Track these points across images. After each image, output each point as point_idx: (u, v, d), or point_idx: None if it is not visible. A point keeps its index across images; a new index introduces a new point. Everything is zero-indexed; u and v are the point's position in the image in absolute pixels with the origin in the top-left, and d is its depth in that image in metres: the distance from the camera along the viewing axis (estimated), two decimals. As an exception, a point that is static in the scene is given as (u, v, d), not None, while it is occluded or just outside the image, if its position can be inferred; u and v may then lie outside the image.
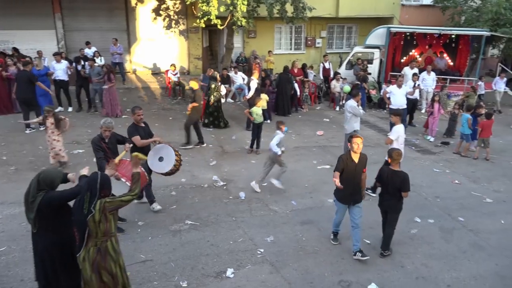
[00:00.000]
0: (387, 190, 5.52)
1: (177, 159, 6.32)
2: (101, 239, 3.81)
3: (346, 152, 5.51)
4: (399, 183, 5.36)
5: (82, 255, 3.82)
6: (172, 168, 6.29)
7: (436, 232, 6.36)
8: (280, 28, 18.81)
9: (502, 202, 7.53)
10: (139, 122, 6.48)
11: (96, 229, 3.75)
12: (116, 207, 3.88)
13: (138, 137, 6.33)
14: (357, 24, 19.85)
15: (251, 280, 5.08)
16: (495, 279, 5.27)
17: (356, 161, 5.36)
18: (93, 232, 3.76)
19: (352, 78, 14.85)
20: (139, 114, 6.46)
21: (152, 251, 5.59)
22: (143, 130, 6.53)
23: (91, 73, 11.98)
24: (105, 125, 5.96)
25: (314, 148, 10.19)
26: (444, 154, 10.13)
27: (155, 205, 6.68)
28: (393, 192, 5.44)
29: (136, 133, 6.37)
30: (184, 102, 14.31)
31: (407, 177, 5.39)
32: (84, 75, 12.08)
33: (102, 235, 3.79)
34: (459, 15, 17.07)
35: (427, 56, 16.33)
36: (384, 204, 5.63)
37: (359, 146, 5.31)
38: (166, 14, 16.03)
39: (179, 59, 17.31)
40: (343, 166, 5.35)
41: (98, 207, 3.72)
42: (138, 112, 6.47)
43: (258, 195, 7.41)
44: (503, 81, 14.48)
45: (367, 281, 5.08)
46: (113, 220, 3.87)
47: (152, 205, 6.68)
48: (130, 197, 3.98)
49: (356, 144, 5.31)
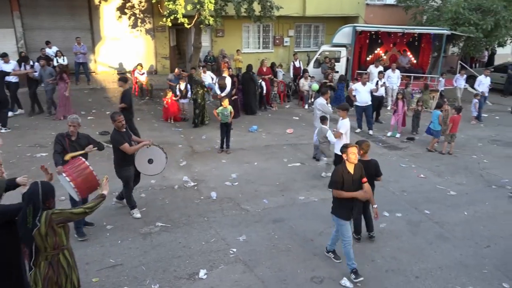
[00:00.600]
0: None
1: (166, 156, 6.42)
2: (51, 253, 3.53)
3: (341, 164, 5.06)
4: (373, 170, 5.71)
5: (33, 274, 3.56)
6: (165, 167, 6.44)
7: (404, 226, 6.53)
8: (248, 27, 18.81)
9: (464, 195, 7.82)
10: (121, 128, 6.21)
11: (44, 243, 3.47)
12: (65, 220, 3.56)
13: (127, 144, 6.09)
14: (324, 23, 20.14)
15: (224, 280, 5.05)
16: (460, 268, 5.46)
17: (351, 171, 4.97)
18: (40, 247, 3.49)
19: (320, 76, 15.04)
20: (120, 120, 6.14)
21: (122, 255, 5.46)
22: (126, 134, 6.27)
23: (42, 73, 11.39)
24: (70, 120, 5.71)
25: (284, 146, 10.26)
26: (409, 150, 10.43)
27: (135, 212, 6.48)
28: (369, 180, 5.57)
29: (123, 140, 6.11)
30: (152, 102, 14.08)
31: (377, 163, 5.82)
32: (31, 76, 11.42)
33: (52, 248, 3.51)
34: (421, 14, 17.63)
35: (391, 54, 16.79)
36: None
37: (356, 155, 4.96)
38: (131, 13, 15.72)
39: (146, 59, 17.00)
40: (340, 179, 4.93)
41: (44, 220, 3.43)
42: (119, 118, 6.14)
43: (230, 195, 7.38)
44: (463, 78, 15.07)
45: (340, 276, 5.15)
46: (63, 232, 3.58)
47: (132, 211, 6.49)
48: (82, 210, 3.69)
49: (353, 154, 4.92)
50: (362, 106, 11.39)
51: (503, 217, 6.94)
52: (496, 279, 5.26)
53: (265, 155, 9.52)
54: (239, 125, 11.66)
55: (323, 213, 6.82)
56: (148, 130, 10.92)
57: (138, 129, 10.95)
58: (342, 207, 5.04)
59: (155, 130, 11.11)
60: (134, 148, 6.18)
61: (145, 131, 10.78)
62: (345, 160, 5.00)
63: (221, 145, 9.62)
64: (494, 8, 15.25)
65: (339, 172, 4.95)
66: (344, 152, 5.00)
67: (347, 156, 4.96)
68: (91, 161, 8.71)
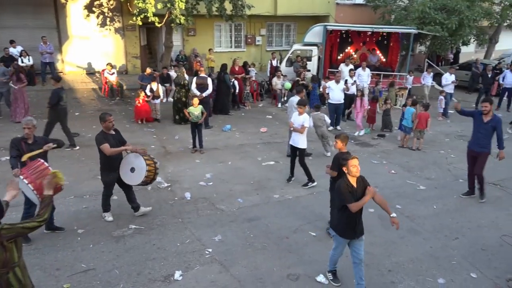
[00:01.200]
0: None
1: (149, 169, 6.01)
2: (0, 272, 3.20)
3: (342, 179, 4.63)
4: None
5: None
6: (144, 180, 6.03)
7: (376, 220, 6.66)
8: (220, 26, 18.74)
9: (433, 189, 8.06)
10: (109, 129, 6.02)
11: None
12: (16, 235, 3.25)
13: (107, 145, 5.86)
14: (295, 22, 20.30)
15: (200, 281, 5.01)
16: (430, 260, 5.63)
17: (354, 185, 4.56)
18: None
19: (292, 75, 15.15)
20: (110, 120, 5.97)
21: (94, 260, 5.33)
22: (113, 137, 6.06)
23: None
24: (25, 122, 5.51)
25: (258, 145, 10.27)
26: (380, 146, 10.65)
27: (107, 215, 6.35)
28: None
29: (105, 141, 5.91)
30: (123, 102, 13.81)
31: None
32: None
33: (2, 266, 3.17)
34: (389, 13, 18.05)
35: (361, 53, 17.12)
36: None
37: (357, 168, 4.52)
38: (99, 11, 15.38)
39: (115, 58, 16.67)
40: (349, 192, 4.51)
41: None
42: (110, 119, 5.97)
43: (205, 195, 7.33)
44: (430, 76, 15.51)
45: (315, 273, 5.21)
46: (14, 248, 3.25)
47: (105, 214, 6.36)
48: (36, 224, 3.35)
49: (354, 166, 4.50)
50: (335, 104, 11.55)
51: (470, 210, 7.20)
52: (464, 270, 5.44)
53: (239, 154, 9.51)
54: (212, 124, 11.60)
55: (298, 211, 6.89)
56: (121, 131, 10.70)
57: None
58: (346, 225, 4.65)
59: (127, 131, 10.85)
60: (113, 150, 5.90)
61: (116, 132, 10.58)
62: (346, 174, 4.60)
63: (193, 144, 9.54)
64: (458, 8, 15.77)
65: (344, 186, 4.52)
66: (344, 165, 4.60)
67: (347, 170, 4.56)
68: (59, 163, 8.49)
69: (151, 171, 6.11)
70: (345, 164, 4.59)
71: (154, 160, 6.31)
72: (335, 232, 4.83)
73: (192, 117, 9.21)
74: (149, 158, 6.24)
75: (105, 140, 5.91)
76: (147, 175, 6.02)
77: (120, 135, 6.27)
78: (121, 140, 6.20)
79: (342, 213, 4.63)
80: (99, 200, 6.82)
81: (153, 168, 6.15)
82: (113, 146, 5.95)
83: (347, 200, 4.49)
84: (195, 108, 9.23)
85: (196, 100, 9.35)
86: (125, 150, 6.07)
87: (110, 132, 6.08)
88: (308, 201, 7.30)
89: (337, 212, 4.79)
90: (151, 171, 6.10)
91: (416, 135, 10.39)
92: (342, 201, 4.57)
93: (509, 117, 13.93)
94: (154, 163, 6.22)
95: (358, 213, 4.61)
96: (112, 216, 6.36)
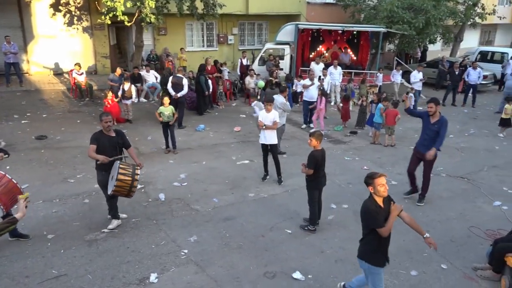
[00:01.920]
0: (323, 168, 6.11)
1: (118, 184, 5.50)
2: None
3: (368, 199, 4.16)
4: (325, 157, 6.12)
5: None
6: (112, 194, 5.65)
7: (351, 216, 6.77)
8: (191, 25, 18.55)
9: (405, 184, 8.23)
10: (107, 130, 5.76)
11: None
12: None
13: (92, 147, 5.62)
14: (267, 21, 20.35)
15: (176, 282, 4.95)
16: (403, 254, 5.76)
17: (382, 205, 4.09)
18: None
19: (264, 74, 15.18)
20: (106, 120, 5.70)
21: (66, 265, 5.18)
22: (110, 139, 5.77)
23: None
24: None
25: (232, 144, 10.25)
26: (353, 143, 10.83)
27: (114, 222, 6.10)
28: (322, 169, 6.08)
29: (95, 141, 5.65)
30: (93, 103, 13.47)
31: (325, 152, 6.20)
32: None
33: None
34: (359, 12, 18.37)
35: (333, 52, 17.33)
36: (323, 181, 6.26)
37: (385, 187, 4.04)
38: (66, 10, 14.91)
39: (84, 58, 16.20)
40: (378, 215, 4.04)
41: None
42: (105, 119, 5.71)
43: (179, 195, 7.25)
44: (399, 74, 15.89)
45: (291, 270, 5.24)
46: None
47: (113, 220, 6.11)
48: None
49: (382, 185, 4.01)
50: (309, 101, 11.65)
51: (439, 203, 7.42)
52: (435, 261, 5.61)
53: (214, 154, 9.45)
54: (185, 124, 11.49)
55: (273, 209, 6.92)
56: (89, 133, 10.33)
57: (79, 131, 10.50)
58: (378, 252, 4.16)
59: (97, 132, 10.63)
60: (92, 155, 5.64)
61: (86, 134, 10.30)
62: (372, 194, 4.11)
63: (166, 145, 9.42)
64: (425, 7, 16.21)
65: (373, 209, 4.04)
66: (370, 184, 4.07)
67: (374, 189, 4.05)
68: (27, 167, 8.22)
69: (122, 187, 5.58)
70: (371, 182, 4.05)
71: (134, 177, 5.67)
72: (370, 263, 4.16)
73: (163, 117, 9.08)
74: (129, 174, 5.63)
75: (95, 141, 5.69)
76: (115, 190, 5.59)
77: (121, 138, 5.93)
78: (119, 144, 5.88)
79: (373, 239, 4.10)
80: (69, 204, 6.68)
81: (125, 184, 5.59)
82: (106, 148, 5.71)
83: (378, 223, 3.98)
84: (166, 108, 9.11)
85: (166, 100, 9.22)
86: (99, 158, 5.61)
87: (109, 134, 5.81)
88: (283, 199, 7.34)
89: (367, 238, 4.19)
90: (122, 187, 5.57)
91: (386, 132, 10.61)
92: (372, 225, 4.05)
93: (473, 113, 14.47)
94: (130, 180, 5.62)
95: (389, 237, 4.14)
96: (117, 223, 6.13)
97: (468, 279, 5.27)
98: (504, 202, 7.42)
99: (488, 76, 17.75)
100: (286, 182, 7.90)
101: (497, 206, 7.33)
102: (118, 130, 6.03)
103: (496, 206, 7.33)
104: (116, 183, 5.52)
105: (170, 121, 9.11)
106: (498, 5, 25.20)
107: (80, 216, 6.39)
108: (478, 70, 15.29)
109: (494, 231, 6.37)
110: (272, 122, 7.60)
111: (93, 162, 7.30)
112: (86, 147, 9.24)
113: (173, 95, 10.79)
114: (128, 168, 5.67)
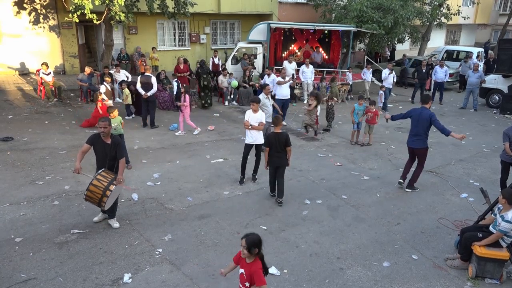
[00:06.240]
0: (276, 149, 6.73)
1: (87, 193, 5.50)
2: None
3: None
4: (284, 140, 6.72)
5: None
6: (86, 198, 5.59)
7: (324, 211, 6.86)
8: (162, 24, 18.34)
9: (376, 178, 8.44)
10: (103, 136, 5.61)
11: None
12: None
13: (85, 146, 5.66)
14: (239, 20, 20.35)
15: (151, 282, 4.88)
16: (375, 246, 5.89)
17: None
18: None
19: (237, 73, 15.18)
20: (101, 126, 5.57)
21: (35, 268, 5.01)
22: (104, 146, 5.65)
23: None
24: None
25: (206, 143, 10.19)
26: (325, 140, 10.97)
27: (113, 222, 6.04)
28: (280, 149, 6.75)
29: (89, 142, 5.65)
30: (61, 104, 13.11)
31: (288, 135, 6.84)
32: None
33: None
34: (329, 12, 18.63)
35: (305, 51, 17.51)
36: (274, 161, 6.82)
37: None
38: (31, 8, 14.46)
39: (51, 58, 15.76)
40: None
41: None
42: (101, 124, 5.58)
43: (153, 195, 7.15)
44: (369, 72, 16.21)
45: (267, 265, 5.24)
46: None
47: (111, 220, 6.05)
48: None
49: None
50: (282, 99, 11.72)
51: (409, 196, 7.62)
52: (406, 252, 5.75)
53: (187, 153, 9.37)
54: (158, 124, 11.33)
55: (248, 206, 6.92)
56: (58, 133, 10.17)
57: (47, 132, 10.19)
58: None
59: (67, 133, 10.35)
60: (78, 155, 5.67)
61: (55, 135, 10.04)
62: None
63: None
64: (393, 7, 16.61)
65: None
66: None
67: None
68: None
69: (91, 198, 5.55)
70: None
71: (105, 192, 5.51)
72: None
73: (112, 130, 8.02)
74: (101, 187, 5.50)
75: (89, 141, 5.67)
76: (86, 198, 5.59)
77: (114, 148, 5.71)
78: (111, 155, 5.71)
79: None
80: (37, 207, 6.48)
81: (94, 196, 5.53)
82: (98, 154, 5.73)
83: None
84: (114, 120, 7.81)
85: (115, 112, 8.05)
86: (74, 169, 5.65)
87: (105, 140, 5.66)
88: (257, 196, 7.35)
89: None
90: (91, 197, 5.54)
91: (366, 130, 10.76)
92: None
93: (441, 110, 14.92)
94: (100, 194, 5.51)
95: None
96: (119, 223, 6.07)
97: (437, 268, 5.43)
98: (470, 194, 7.70)
99: (454, 74, 18.39)
100: (261, 180, 7.93)
101: (464, 197, 7.61)
102: (115, 139, 5.81)
103: (463, 198, 7.60)
104: (87, 192, 5.52)
105: (117, 133, 7.71)
106: (463, 5, 26.14)
107: (49, 218, 6.20)
108: (445, 68, 15.80)
109: (461, 221, 6.60)
110: (257, 123, 7.58)
111: (63, 163, 7.20)
112: (55, 148, 9.09)
113: (142, 94, 10.65)
114: (104, 181, 5.55)
